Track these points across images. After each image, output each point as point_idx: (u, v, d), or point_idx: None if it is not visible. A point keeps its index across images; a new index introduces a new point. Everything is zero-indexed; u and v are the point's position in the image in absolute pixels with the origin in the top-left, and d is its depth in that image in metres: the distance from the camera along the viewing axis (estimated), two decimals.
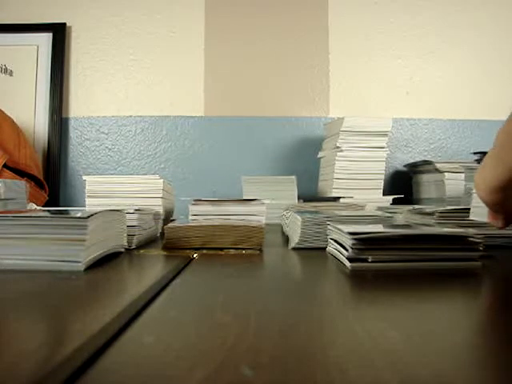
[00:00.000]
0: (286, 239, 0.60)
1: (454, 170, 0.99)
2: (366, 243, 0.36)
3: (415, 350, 0.18)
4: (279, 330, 0.20)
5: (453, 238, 0.38)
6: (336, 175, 1.01)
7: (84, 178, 0.74)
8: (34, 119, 1.25)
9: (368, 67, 1.26)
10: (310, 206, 0.74)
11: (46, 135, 1.25)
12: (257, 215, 0.68)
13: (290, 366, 0.16)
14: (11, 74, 1.26)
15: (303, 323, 0.22)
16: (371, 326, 0.21)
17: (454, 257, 0.37)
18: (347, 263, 0.37)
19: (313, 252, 0.48)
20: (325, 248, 0.47)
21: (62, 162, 1.26)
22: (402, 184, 1.20)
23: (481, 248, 0.38)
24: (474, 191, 0.41)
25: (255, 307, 0.25)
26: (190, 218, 0.67)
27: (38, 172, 1.09)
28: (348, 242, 0.37)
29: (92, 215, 0.37)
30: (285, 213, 0.70)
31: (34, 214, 0.38)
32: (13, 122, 1.10)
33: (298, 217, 0.52)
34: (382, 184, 1.04)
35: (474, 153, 0.96)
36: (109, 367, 0.16)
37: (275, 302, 0.26)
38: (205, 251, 0.48)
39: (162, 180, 0.73)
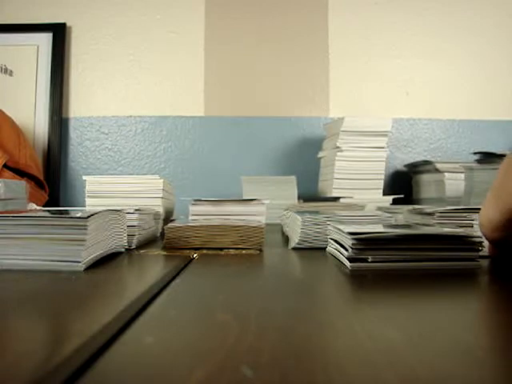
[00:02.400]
0: (286, 239, 0.60)
1: (454, 170, 0.99)
2: (366, 243, 0.36)
3: (415, 350, 0.18)
4: (279, 329, 0.20)
5: (453, 238, 0.38)
6: (336, 175, 1.01)
7: (84, 177, 0.74)
8: (34, 119, 1.25)
9: (368, 67, 1.26)
10: (309, 206, 0.74)
11: (46, 135, 1.25)
12: (257, 215, 0.68)
13: (290, 365, 0.16)
14: (11, 74, 1.26)
15: (303, 323, 0.22)
16: (371, 326, 0.21)
17: (454, 257, 0.37)
18: (347, 263, 0.37)
19: (313, 252, 0.48)
20: (325, 248, 0.47)
21: (62, 162, 1.26)
22: (402, 184, 1.20)
23: (480, 248, 0.38)
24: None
25: (255, 307, 0.25)
26: (190, 217, 0.67)
27: (38, 172, 1.09)
28: (348, 242, 0.37)
29: (92, 215, 0.37)
30: (285, 213, 0.70)
31: (34, 214, 0.38)
32: (13, 122, 1.10)
33: (298, 217, 0.52)
34: (381, 184, 1.04)
35: (474, 153, 0.96)
36: (109, 367, 0.16)
37: (275, 302, 0.26)
38: (205, 251, 0.48)
39: (162, 180, 0.73)
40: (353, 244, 0.36)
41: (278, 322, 0.22)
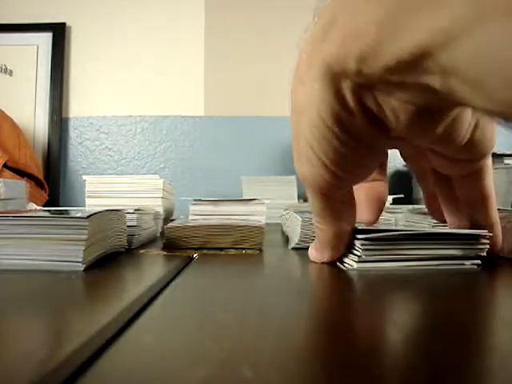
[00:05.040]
0: (286, 239, 0.60)
1: None
2: (371, 243, 0.36)
3: (417, 349, 0.18)
4: (280, 329, 0.20)
5: (462, 236, 0.37)
6: None
7: (84, 177, 0.74)
8: (34, 119, 1.25)
9: None
10: (309, 205, 0.74)
11: (46, 135, 1.25)
12: (257, 215, 0.68)
13: (290, 366, 0.16)
14: (11, 73, 1.26)
15: (304, 323, 0.22)
16: (372, 326, 0.21)
17: (463, 256, 0.37)
18: (350, 262, 0.37)
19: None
20: None
21: (61, 162, 1.26)
22: (402, 184, 1.20)
23: (488, 246, 0.37)
24: None
25: (255, 307, 0.25)
26: (190, 217, 0.67)
27: (38, 172, 1.09)
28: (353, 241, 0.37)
29: (92, 215, 0.37)
30: (285, 213, 0.70)
31: (34, 214, 0.38)
32: (13, 122, 1.10)
33: (298, 217, 0.52)
34: None
35: None
36: (108, 367, 0.16)
37: (275, 302, 0.26)
38: (205, 251, 0.48)
39: (162, 180, 0.72)
40: (361, 244, 0.36)
41: (279, 322, 0.22)
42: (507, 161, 0.91)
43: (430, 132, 0.25)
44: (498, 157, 0.92)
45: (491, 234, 0.36)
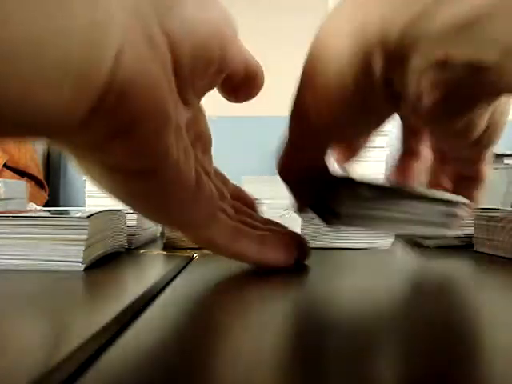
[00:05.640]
0: None
1: None
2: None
3: (418, 349, 0.18)
4: (280, 329, 0.20)
5: (438, 200, 0.33)
6: None
7: (84, 177, 0.74)
8: None
9: None
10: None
11: None
12: None
13: (290, 365, 0.16)
14: None
15: (304, 323, 0.22)
16: (372, 325, 0.21)
17: (441, 218, 0.33)
18: (331, 219, 0.33)
19: (312, 252, 0.48)
20: (324, 248, 0.47)
21: (61, 162, 1.26)
22: None
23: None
24: None
25: (255, 307, 0.25)
26: None
27: (38, 172, 1.09)
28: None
29: (92, 215, 0.37)
30: (285, 213, 0.70)
31: (33, 214, 0.38)
32: None
33: (298, 216, 0.52)
34: None
35: None
36: (108, 367, 0.16)
37: (276, 302, 0.26)
38: (205, 251, 0.48)
39: None
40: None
41: (279, 322, 0.22)
42: (507, 161, 0.91)
43: (447, 125, 0.23)
44: (497, 157, 0.92)
45: (467, 202, 0.33)
